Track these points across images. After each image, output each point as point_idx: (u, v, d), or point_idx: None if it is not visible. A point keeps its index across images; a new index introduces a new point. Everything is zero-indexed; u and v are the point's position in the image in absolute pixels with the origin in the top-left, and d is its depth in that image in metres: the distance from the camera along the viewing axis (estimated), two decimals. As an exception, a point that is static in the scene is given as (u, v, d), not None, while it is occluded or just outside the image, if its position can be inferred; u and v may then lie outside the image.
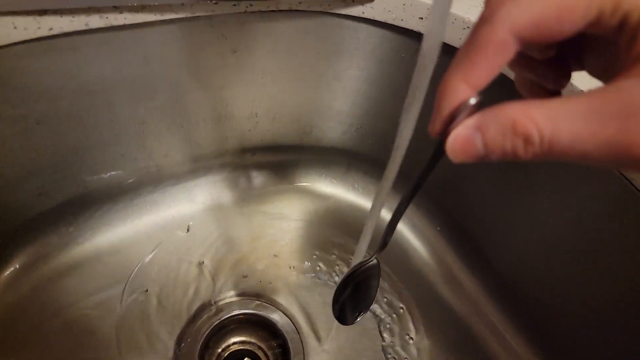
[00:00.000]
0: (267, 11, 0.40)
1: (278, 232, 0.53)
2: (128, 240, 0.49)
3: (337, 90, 0.50)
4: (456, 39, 0.40)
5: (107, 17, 0.34)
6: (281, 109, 0.50)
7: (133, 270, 0.48)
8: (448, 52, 0.26)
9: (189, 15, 0.37)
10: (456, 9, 0.40)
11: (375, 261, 0.32)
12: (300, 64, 0.46)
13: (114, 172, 0.46)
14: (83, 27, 0.33)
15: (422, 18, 0.42)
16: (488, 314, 0.50)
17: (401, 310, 0.50)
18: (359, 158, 0.56)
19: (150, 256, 0.49)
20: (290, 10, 0.41)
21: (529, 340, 0.47)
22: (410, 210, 0.56)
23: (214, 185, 0.54)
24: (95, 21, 0.34)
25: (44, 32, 0.32)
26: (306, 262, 0.52)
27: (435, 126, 0.18)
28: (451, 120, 0.17)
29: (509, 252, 0.48)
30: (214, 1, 0.37)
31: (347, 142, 0.55)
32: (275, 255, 0.52)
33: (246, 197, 0.55)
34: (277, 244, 0.53)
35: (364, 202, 0.57)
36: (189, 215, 0.52)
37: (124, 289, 0.46)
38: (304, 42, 0.45)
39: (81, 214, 0.47)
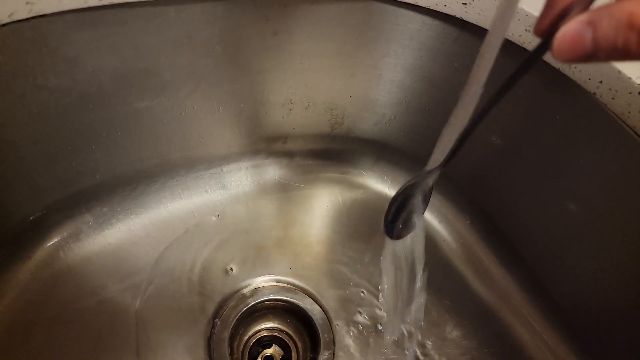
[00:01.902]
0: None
1: (308, 221, 0.53)
2: (160, 224, 0.49)
3: (373, 79, 0.50)
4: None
5: (156, -10, 0.34)
6: (316, 96, 0.50)
7: (162, 253, 0.48)
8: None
9: None
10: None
11: (437, 174, 0.31)
12: (339, 50, 0.46)
13: (149, 153, 0.46)
14: None
15: (465, 4, 0.41)
16: (518, 306, 0.49)
17: (430, 302, 0.49)
18: (390, 149, 0.55)
19: (181, 239, 0.49)
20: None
21: (561, 333, 0.46)
22: (440, 203, 0.55)
23: (245, 172, 0.53)
24: (145, -6, 0.34)
25: (94, 2, 0.33)
26: (337, 252, 0.51)
27: (544, 22, 0.18)
28: (562, 17, 0.17)
29: (540, 246, 0.47)
30: (260, -21, 0.37)
31: (377, 133, 0.55)
32: (305, 245, 0.51)
33: (276, 185, 0.54)
34: (307, 232, 0.52)
35: (391, 192, 0.57)
36: (220, 201, 0.52)
37: (153, 271, 0.46)
38: (344, 27, 0.44)
39: (116, 194, 0.47)
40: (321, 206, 0.54)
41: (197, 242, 0.49)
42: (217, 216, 0.51)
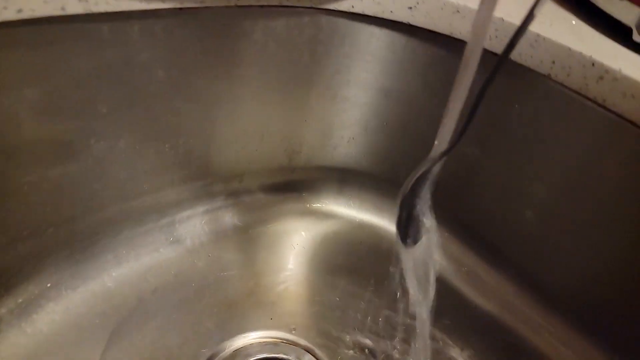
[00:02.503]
0: (257, 6, 0.37)
1: (279, 263, 0.47)
2: (106, 296, 0.40)
3: (327, 99, 0.47)
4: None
5: (86, 0, 0.29)
6: (270, 125, 0.46)
7: (114, 333, 0.39)
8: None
9: (176, 5, 0.33)
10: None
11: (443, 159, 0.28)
12: (289, 71, 0.44)
13: (83, 209, 0.39)
14: (59, 12, 0.28)
15: (411, 7, 0.41)
16: (520, 308, 0.46)
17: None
18: (352, 173, 0.52)
19: (136, 312, 0.40)
20: (280, 7, 0.39)
21: (568, 324, 0.44)
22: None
23: (201, 219, 0.47)
24: (72, 5, 0.29)
25: (10, 15, 0.27)
26: (319, 292, 0.46)
27: None
28: None
29: (526, 243, 0.46)
30: (203, -10, 0.33)
31: (338, 157, 0.52)
32: (282, 291, 0.45)
33: (238, 229, 0.48)
34: (281, 276, 0.46)
35: (362, 217, 0.53)
36: (175, 258, 0.44)
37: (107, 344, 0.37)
38: (293, 45, 0.42)
39: (45, 266, 0.38)
40: (290, 245, 0.49)
41: (156, 310, 0.41)
42: (174, 276, 0.43)
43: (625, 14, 0.42)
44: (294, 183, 0.51)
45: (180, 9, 0.34)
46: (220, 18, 0.36)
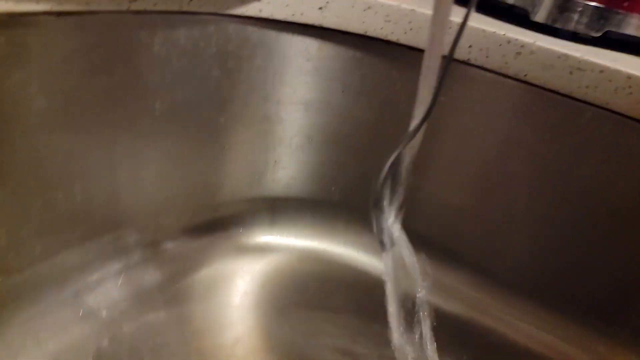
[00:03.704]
0: (154, 12, 0.32)
1: (221, 315, 0.40)
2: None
3: (245, 121, 0.42)
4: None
5: None
6: (182, 157, 0.40)
7: None
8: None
9: (53, 7, 0.27)
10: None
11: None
12: (199, 92, 0.38)
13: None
14: None
15: (321, 8, 0.39)
16: (485, 302, 0.44)
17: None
18: (283, 200, 0.47)
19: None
20: (180, 13, 0.34)
21: (537, 310, 0.43)
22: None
23: (115, 282, 0.38)
24: None
25: None
26: (272, 339, 0.39)
27: None
28: None
29: (466, 236, 0.45)
30: (87, -9, 0.28)
31: (265, 185, 0.46)
32: (233, 345, 0.37)
33: (162, 286, 0.40)
34: (228, 329, 0.39)
35: (302, 245, 0.48)
36: (91, 335, 0.35)
37: None
38: (201, 59, 0.37)
39: None
40: (229, 292, 0.42)
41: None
42: (93, 358, 0.34)
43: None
44: (220, 221, 0.45)
45: (59, 13, 0.27)
46: (111, 26, 0.30)
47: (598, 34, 0.41)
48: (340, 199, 0.47)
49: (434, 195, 0.45)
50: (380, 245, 0.28)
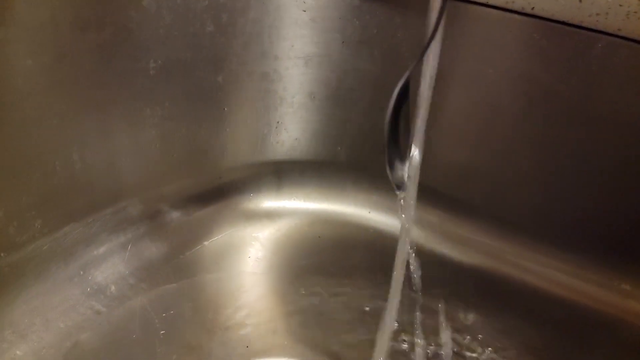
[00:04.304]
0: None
1: (233, 281, 0.38)
2: None
3: (242, 79, 0.40)
4: None
5: None
6: (180, 121, 0.38)
7: None
8: None
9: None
10: None
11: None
12: (193, 49, 0.36)
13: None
14: None
15: (315, -48, 0.37)
16: (499, 249, 0.43)
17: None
18: (288, 163, 0.46)
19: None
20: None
21: (553, 254, 0.42)
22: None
23: (121, 255, 0.36)
24: None
25: None
26: (289, 302, 0.38)
27: None
28: None
29: (475, 184, 0.44)
30: None
31: (269, 147, 0.45)
32: (249, 310, 0.36)
33: (167, 256, 0.38)
34: (243, 295, 0.37)
35: (311, 208, 0.46)
36: (101, 312, 0.33)
37: None
38: (193, 14, 0.35)
39: None
40: (240, 259, 0.40)
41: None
42: (105, 336, 0.32)
43: None
44: (225, 187, 0.43)
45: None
46: None
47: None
48: (347, 158, 0.46)
49: (443, 146, 0.43)
50: (396, 187, 0.27)
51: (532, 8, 0.36)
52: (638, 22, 0.34)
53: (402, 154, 0.27)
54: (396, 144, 0.26)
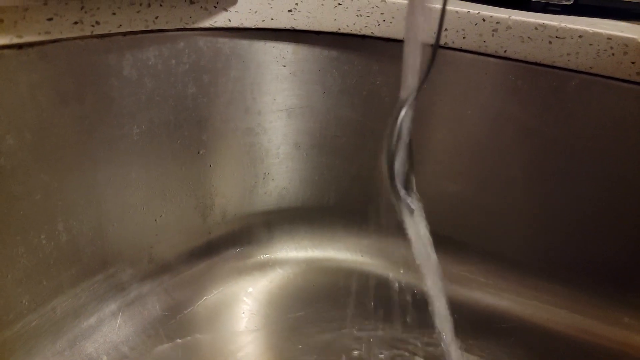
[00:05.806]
0: (119, 34, 0.31)
1: (229, 339, 0.37)
2: None
3: (227, 134, 0.41)
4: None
5: None
6: (167, 180, 0.38)
7: None
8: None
9: (14, 40, 0.25)
10: None
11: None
12: (177, 110, 0.37)
13: None
14: None
15: (291, 10, 0.38)
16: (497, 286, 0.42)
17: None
18: (277, 213, 0.46)
19: None
20: (147, 32, 0.32)
21: (567, 292, 0.42)
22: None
23: (113, 322, 0.35)
24: None
25: None
26: (287, 357, 0.37)
27: None
28: None
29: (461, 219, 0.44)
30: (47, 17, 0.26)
31: (257, 199, 0.45)
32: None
33: (164, 317, 0.38)
34: (240, 353, 0.36)
35: (303, 256, 0.46)
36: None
37: None
38: (174, 78, 0.35)
39: None
40: (234, 315, 0.40)
41: None
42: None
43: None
44: (215, 242, 0.43)
45: (20, 45, 0.25)
46: (76, 53, 0.29)
47: (569, 2, 0.41)
48: (336, 203, 0.46)
49: (430, 185, 0.44)
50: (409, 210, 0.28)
51: (505, 51, 0.37)
52: (609, 59, 0.35)
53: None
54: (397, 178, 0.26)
